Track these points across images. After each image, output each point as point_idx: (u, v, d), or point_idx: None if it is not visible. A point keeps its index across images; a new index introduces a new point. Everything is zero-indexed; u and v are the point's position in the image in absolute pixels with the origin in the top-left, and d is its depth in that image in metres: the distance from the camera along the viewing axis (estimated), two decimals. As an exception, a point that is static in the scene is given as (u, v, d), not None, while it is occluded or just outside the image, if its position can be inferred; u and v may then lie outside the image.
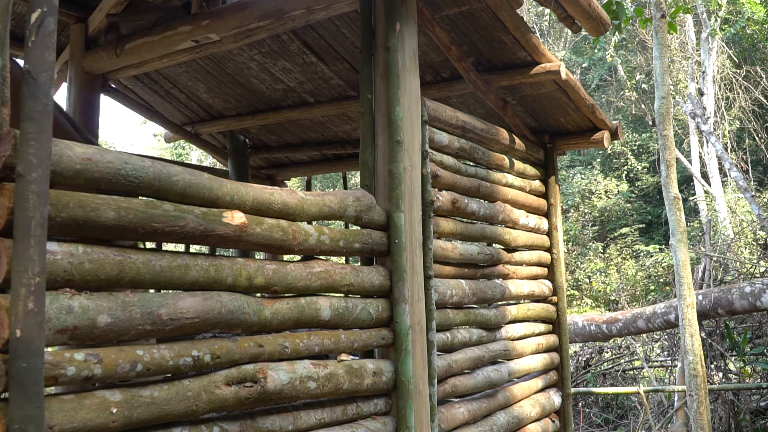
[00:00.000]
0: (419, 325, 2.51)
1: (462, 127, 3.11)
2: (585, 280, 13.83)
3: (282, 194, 2.05)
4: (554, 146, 4.14)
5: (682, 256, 4.03)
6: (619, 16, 4.22)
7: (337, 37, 3.70)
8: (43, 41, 1.31)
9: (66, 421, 1.40)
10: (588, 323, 6.84)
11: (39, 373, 1.26)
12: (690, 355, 3.94)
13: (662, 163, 4.22)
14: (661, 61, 4.20)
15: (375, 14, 2.60)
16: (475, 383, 3.04)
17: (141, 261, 1.60)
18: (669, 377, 7.36)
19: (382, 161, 2.54)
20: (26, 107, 1.29)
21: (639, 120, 17.82)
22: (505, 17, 3.12)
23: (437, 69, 3.76)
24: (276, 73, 4.24)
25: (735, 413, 5.66)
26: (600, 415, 7.36)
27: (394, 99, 2.47)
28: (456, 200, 3.00)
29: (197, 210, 1.74)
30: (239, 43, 3.28)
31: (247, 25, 3.06)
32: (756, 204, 8.39)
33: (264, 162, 5.71)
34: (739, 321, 6.81)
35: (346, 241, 2.29)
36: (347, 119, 4.80)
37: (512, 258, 3.61)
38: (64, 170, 1.46)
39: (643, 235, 16.09)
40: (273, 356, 1.94)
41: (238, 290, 1.87)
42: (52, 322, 1.39)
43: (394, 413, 2.39)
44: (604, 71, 18.17)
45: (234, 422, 1.81)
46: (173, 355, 1.63)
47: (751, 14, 13.50)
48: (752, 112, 15.51)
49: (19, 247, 1.25)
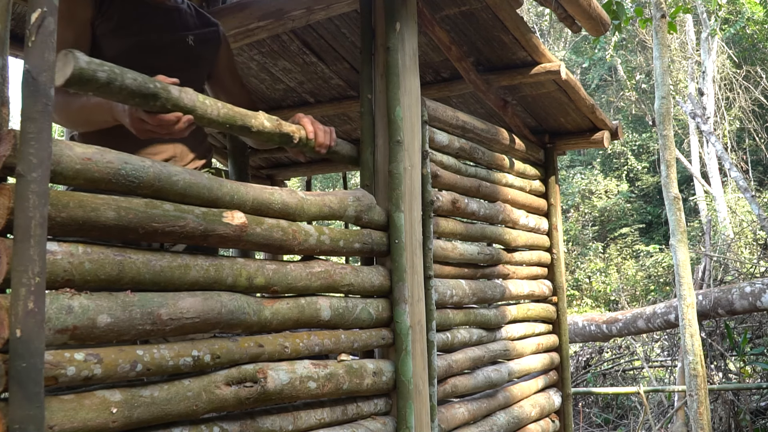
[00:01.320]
0: (419, 325, 2.51)
1: (462, 127, 3.11)
2: (585, 280, 13.84)
3: (282, 194, 2.05)
4: (554, 146, 4.14)
5: (682, 256, 4.04)
6: (619, 16, 4.22)
7: (337, 37, 3.70)
8: (43, 41, 1.31)
9: (66, 421, 1.40)
10: (588, 323, 6.84)
11: (39, 373, 1.25)
12: (690, 355, 3.94)
13: (662, 163, 4.23)
14: (661, 61, 4.20)
15: (375, 14, 2.60)
16: (475, 383, 3.04)
17: (141, 261, 1.60)
18: (669, 377, 7.36)
19: (382, 161, 2.54)
20: (26, 107, 1.29)
21: (639, 120, 17.82)
22: (505, 17, 3.12)
23: (437, 69, 3.76)
24: (276, 73, 4.24)
25: (735, 413, 5.66)
26: (600, 415, 7.37)
27: (394, 99, 2.47)
28: (456, 200, 3.00)
29: (197, 210, 1.75)
30: (239, 43, 3.28)
31: (247, 25, 3.06)
32: (756, 204, 8.40)
33: (264, 162, 5.71)
34: (739, 321, 6.81)
35: (346, 241, 2.29)
36: (347, 119, 4.80)
37: (512, 258, 3.61)
38: (64, 170, 1.46)
39: (643, 235, 16.10)
40: (273, 356, 1.94)
41: (238, 290, 1.87)
42: (52, 322, 1.39)
43: (394, 413, 2.39)
44: (604, 71, 18.18)
45: (234, 422, 1.81)
46: (173, 355, 1.63)
47: (751, 14, 13.50)
48: (752, 112, 15.51)
49: (19, 247, 1.25)
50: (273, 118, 2.14)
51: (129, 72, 1.65)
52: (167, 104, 1.78)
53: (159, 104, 1.76)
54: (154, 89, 1.73)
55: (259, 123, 2.07)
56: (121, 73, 1.63)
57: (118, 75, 1.62)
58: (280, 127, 2.15)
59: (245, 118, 2.02)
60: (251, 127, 2.04)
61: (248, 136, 2.08)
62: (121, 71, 1.64)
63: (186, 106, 1.82)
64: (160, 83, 1.74)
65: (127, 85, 1.64)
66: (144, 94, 1.70)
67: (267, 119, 2.11)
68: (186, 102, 1.82)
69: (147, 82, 1.71)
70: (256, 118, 2.06)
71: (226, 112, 1.96)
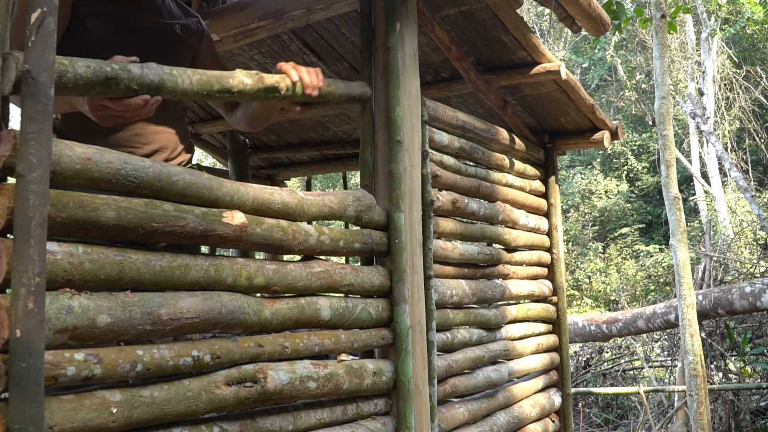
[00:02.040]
0: (419, 325, 2.51)
1: (462, 127, 3.11)
2: (585, 280, 13.84)
3: (282, 194, 2.05)
4: (554, 146, 4.14)
5: (682, 256, 4.04)
6: (619, 16, 4.22)
7: (337, 37, 3.70)
8: (43, 41, 1.31)
9: (66, 421, 1.40)
10: (588, 323, 6.85)
11: (39, 373, 1.26)
12: (690, 355, 3.94)
13: (662, 163, 4.23)
14: (661, 61, 4.20)
15: (375, 14, 2.60)
16: (475, 383, 3.04)
17: (141, 261, 1.60)
18: (669, 377, 7.37)
19: (382, 161, 2.54)
20: (26, 107, 1.29)
21: (639, 120, 17.83)
22: (505, 17, 3.12)
23: (437, 69, 3.76)
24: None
25: (735, 413, 5.66)
26: (600, 415, 7.37)
27: (394, 99, 2.47)
28: (456, 200, 3.00)
29: (197, 210, 1.74)
30: (239, 43, 3.28)
31: (247, 25, 3.06)
32: (756, 204, 8.40)
33: (264, 162, 5.71)
34: (739, 321, 6.81)
35: (346, 241, 2.29)
36: (347, 119, 4.80)
37: (512, 258, 3.61)
38: (64, 170, 1.46)
39: (643, 235, 16.10)
40: (273, 356, 1.94)
41: (238, 290, 1.87)
42: (52, 322, 1.39)
43: (394, 413, 2.39)
44: (604, 71, 18.18)
45: (234, 422, 1.81)
46: (173, 355, 1.63)
47: (751, 14, 13.51)
48: (752, 112, 15.51)
49: (19, 247, 1.25)
50: (252, 73, 2.00)
51: (79, 60, 1.49)
52: (132, 84, 1.61)
53: (122, 87, 1.60)
54: (112, 72, 1.56)
55: (238, 82, 1.92)
56: (70, 63, 1.47)
57: (68, 66, 1.46)
58: (262, 81, 2.01)
59: (222, 80, 1.87)
60: (231, 88, 1.90)
61: (230, 98, 1.94)
62: (70, 61, 1.47)
63: (153, 82, 1.67)
64: (117, 64, 1.58)
65: (80, 74, 1.49)
66: (103, 80, 1.55)
67: (246, 75, 1.97)
68: (152, 78, 1.67)
69: (103, 66, 1.54)
70: (233, 77, 1.91)
71: (199, 78, 1.80)
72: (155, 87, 1.68)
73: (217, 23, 3.13)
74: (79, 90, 1.53)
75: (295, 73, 2.12)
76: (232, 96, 1.93)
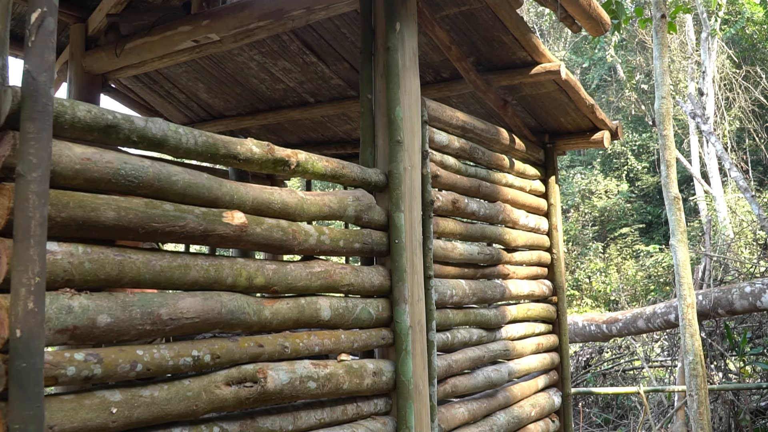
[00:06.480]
0: (419, 325, 2.51)
1: (462, 127, 3.11)
2: (585, 280, 13.83)
3: (282, 194, 2.05)
4: (554, 146, 4.14)
5: (682, 256, 4.03)
6: (618, 16, 4.22)
7: (337, 37, 3.70)
8: (43, 41, 1.31)
9: (66, 421, 1.40)
10: (588, 323, 6.84)
11: (39, 373, 1.26)
12: (690, 355, 3.94)
13: (662, 163, 4.22)
14: (661, 61, 4.20)
15: (375, 14, 2.60)
16: (475, 383, 3.04)
17: (141, 261, 1.60)
18: (669, 377, 7.36)
19: (382, 161, 2.54)
20: (26, 107, 1.29)
21: (639, 120, 17.82)
22: (505, 17, 3.12)
23: (437, 69, 3.76)
24: (276, 73, 4.24)
25: (735, 413, 5.66)
26: (600, 415, 7.37)
27: (394, 99, 2.47)
28: (456, 200, 3.00)
29: (197, 210, 1.74)
30: (239, 43, 3.28)
31: (247, 25, 3.06)
32: (756, 204, 8.39)
33: (264, 162, 5.70)
34: (739, 321, 6.81)
35: (346, 241, 2.29)
36: (347, 119, 4.80)
37: (512, 258, 3.61)
38: (63, 170, 1.46)
39: (643, 235, 16.09)
40: (273, 356, 1.94)
41: (238, 290, 1.87)
42: (52, 322, 1.39)
43: (394, 413, 2.39)
44: (604, 71, 18.17)
45: (234, 422, 1.81)
46: (173, 355, 1.63)
47: (751, 14, 13.51)
48: (752, 112, 15.51)
49: (19, 247, 1.25)
50: (263, 144, 1.94)
51: (80, 104, 1.44)
52: (132, 136, 1.58)
53: (122, 137, 1.56)
54: (114, 120, 1.51)
55: (246, 150, 1.86)
56: (70, 105, 1.43)
57: (68, 108, 1.43)
58: (272, 153, 1.95)
59: (229, 145, 1.81)
60: (237, 155, 1.84)
61: (235, 165, 1.86)
62: (71, 103, 1.43)
63: (155, 137, 1.62)
64: (120, 114, 1.52)
65: (80, 118, 1.45)
66: (103, 128, 1.50)
67: (256, 145, 1.90)
68: (155, 132, 1.63)
69: (104, 113, 1.50)
70: (242, 145, 1.85)
71: (205, 140, 1.75)
72: (157, 142, 1.64)
73: (217, 23, 3.13)
74: (76, 133, 1.48)
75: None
76: (238, 163, 1.85)
